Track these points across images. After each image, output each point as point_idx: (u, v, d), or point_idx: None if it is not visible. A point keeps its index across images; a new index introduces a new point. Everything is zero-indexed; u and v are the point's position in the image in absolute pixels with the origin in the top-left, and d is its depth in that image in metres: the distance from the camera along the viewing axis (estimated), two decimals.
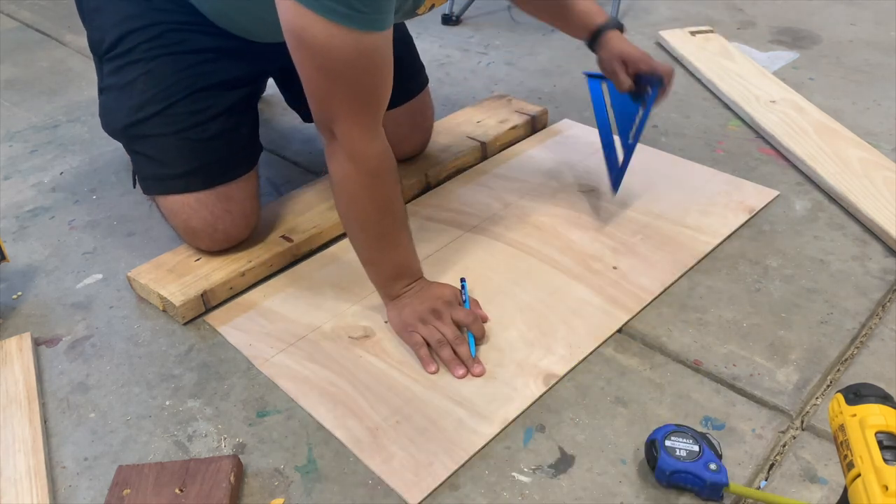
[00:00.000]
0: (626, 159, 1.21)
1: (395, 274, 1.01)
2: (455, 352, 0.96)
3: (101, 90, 1.17)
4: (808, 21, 2.01)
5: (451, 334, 0.97)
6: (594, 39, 1.18)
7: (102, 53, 1.14)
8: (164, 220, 1.20)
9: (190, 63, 1.10)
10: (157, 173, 1.12)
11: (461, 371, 0.95)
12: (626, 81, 1.15)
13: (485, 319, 1.03)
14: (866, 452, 0.62)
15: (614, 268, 1.13)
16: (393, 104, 1.28)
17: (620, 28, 1.19)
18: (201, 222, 1.11)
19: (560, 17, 1.21)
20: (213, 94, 1.11)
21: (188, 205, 1.11)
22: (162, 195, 1.13)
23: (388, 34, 0.89)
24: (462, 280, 1.06)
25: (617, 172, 1.24)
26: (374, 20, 0.85)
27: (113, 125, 1.16)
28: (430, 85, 1.37)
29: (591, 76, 1.28)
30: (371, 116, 0.92)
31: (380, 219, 0.97)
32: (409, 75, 1.31)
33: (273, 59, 1.14)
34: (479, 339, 0.99)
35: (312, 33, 0.83)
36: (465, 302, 1.02)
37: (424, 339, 0.97)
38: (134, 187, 1.22)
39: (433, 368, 0.96)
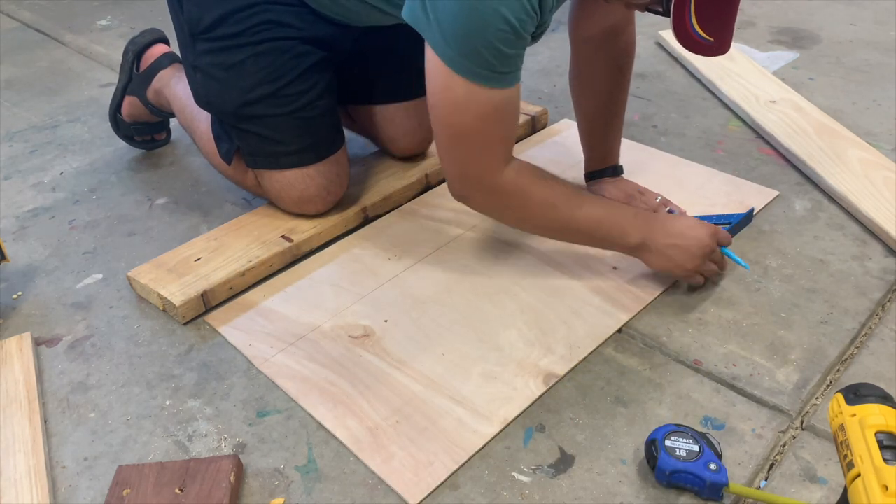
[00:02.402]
0: None
1: (617, 233, 1.04)
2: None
3: (194, 68, 1.19)
4: (808, 21, 2.01)
5: (724, 264, 1.08)
6: (591, 178, 1.28)
7: (199, 32, 1.16)
8: (258, 195, 1.29)
9: (292, 45, 1.14)
10: (270, 150, 1.19)
11: (725, 266, 1.09)
12: None
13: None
14: (866, 452, 0.62)
15: (614, 268, 1.13)
16: (400, 99, 1.30)
17: (621, 173, 1.27)
18: (318, 189, 1.20)
19: (588, 134, 1.27)
20: (316, 74, 1.16)
21: (306, 175, 1.19)
22: (275, 170, 1.20)
23: (519, 85, 0.96)
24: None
25: None
26: (512, 78, 0.93)
27: (220, 106, 1.20)
28: None
29: None
30: (500, 155, 0.99)
31: (554, 217, 1.04)
32: (420, 73, 1.32)
33: (353, 41, 1.21)
34: (729, 244, 1.07)
35: (455, 93, 0.92)
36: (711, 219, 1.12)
37: (705, 275, 1.06)
38: (229, 163, 1.25)
39: (701, 280, 1.07)
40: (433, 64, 0.92)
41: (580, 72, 1.22)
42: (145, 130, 1.51)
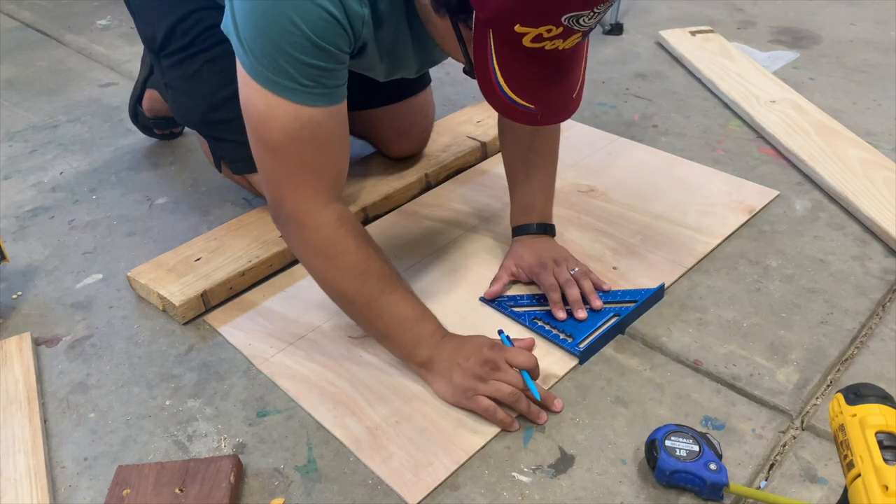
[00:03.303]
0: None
1: (409, 340, 0.92)
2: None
3: (165, 86, 1.21)
4: (808, 21, 2.01)
5: (519, 382, 0.88)
6: (514, 234, 1.12)
7: (158, 50, 1.18)
8: (258, 195, 1.27)
9: None
10: (244, 154, 1.12)
11: (544, 416, 0.89)
12: (494, 287, 1.07)
13: (530, 348, 0.97)
14: (866, 452, 0.62)
15: (614, 268, 1.12)
16: (393, 100, 1.30)
17: (550, 233, 1.11)
18: None
19: (511, 185, 1.14)
20: None
21: None
22: (254, 173, 1.13)
23: (335, 109, 0.87)
24: (500, 332, 0.97)
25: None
26: (317, 95, 0.84)
27: (190, 118, 1.20)
28: (430, 85, 1.37)
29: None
30: (320, 187, 0.89)
31: (359, 286, 0.90)
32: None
33: None
34: (536, 376, 0.90)
35: (255, 104, 0.85)
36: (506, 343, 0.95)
37: (492, 399, 0.88)
38: (220, 171, 1.26)
39: (517, 426, 0.88)
40: (240, 71, 0.86)
41: (501, 119, 1.12)
42: (164, 124, 1.53)
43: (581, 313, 1.01)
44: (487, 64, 0.75)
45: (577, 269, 1.06)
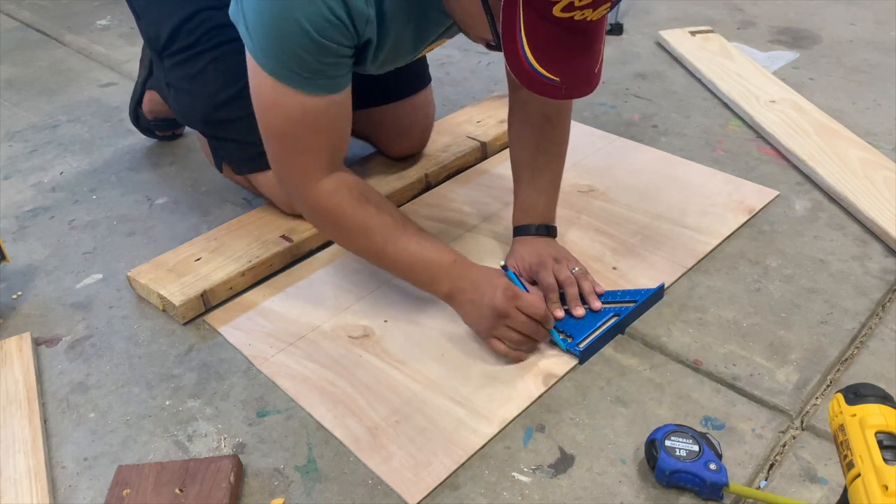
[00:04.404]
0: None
1: (427, 277, 0.98)
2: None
3: (167, 85, 1.21)
4: (808, 21, 2.01)
5: (527, 329, 0.94)
6: (515, 234, 1.13)
7: (162, 49, 1.18)
8: (258, 195, 1.28)
9: None
10: (249, 153, 1.16)
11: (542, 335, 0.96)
12: None
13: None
14: (866, 452, 0.62)
15: (614, 268, 1.12)
16: (393, 99, 1.30)
17: (550, 235, 1.12)
18: None
19: (515, 184, 1.14)
20: None
21: None
22: (259, 172, 1.18)
23: (338, 98, 0.92)
24: (504, 267, 1.00)
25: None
26: (320, 85, 0.89)
27: (192, 118, 1.21)
28: (430, 84, 1.37)
29: None
30: (317, 164, 0.95)
31: (364, 245, 0.99)
32: (412, 73, 1.32)
33: None
34: (547, 324, 0.96)
35: (263, 91, 0.91)
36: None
37: (505, 344, 0.95)
38: (221, 172, 1.27)
39: (524, 358, 0.97)
40: (248, 59, 0.91)
41: (512, 117, 1.14)
42: (166, 126, 1.53)
43: (578, 310, 1.02)
44: (515, 35, 0.76)
45: (576, 268, 1.06)
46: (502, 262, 1.02)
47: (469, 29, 0.90)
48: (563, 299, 1.04)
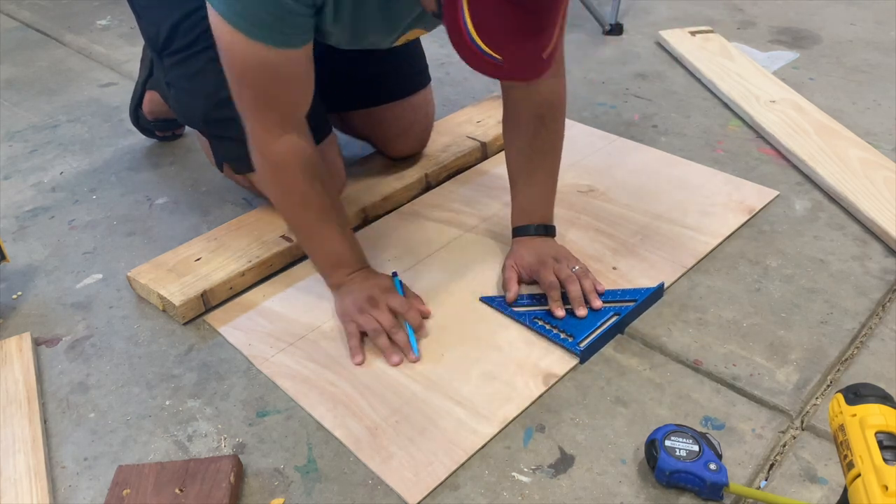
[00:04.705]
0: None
1: (331, 263, 1.05)
2: (392, 340, 0.98)
3: (167, 85, 1.22)
4: (808, 21, 2.01)
5: (387, 322, 0.98)
6: (514, 235, 1.12)
7: (161, 49, 1.18)
8: (259, 195, 1.27)
9: None
10: (246, 152, 1.14)
11: (396, 358, 0.97)
12: (510, 296, 1.05)
13: (425, 314, 1.04)
14: (866, 452, 0.62)
15: (614, 268, 1.12)
16: (393, 98, 1.30)
17: (549, 234, 1.11)
18: None
19: (511, 184, 1.14)
20: None
21: None
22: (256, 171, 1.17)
23: (297, 55, 0.93)
24: (394, 273, 1.07)
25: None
26: (277, 39, 0.90)
27: (192, 116, 1.21)
28: (430, 84, 1.37)
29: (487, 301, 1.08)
30: (278, 119, 0.97)
31: (301, 211, 1.02)
32: (411, 72, 1.32)
33: None
34: (417, 328, 0.99)
35: (221, 36, 0.91)
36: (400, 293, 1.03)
37: (361, 328, 0.99)
38: (221, 171, 1.27)
39: (358, 360, 0.98)
40: (210, 12, 0.90)
41: (505, 117, 1.12)
42: (166, 126, 1.53)
43: (581, 311, 1.02)
44: (458, 8, 0.73)
45: (577, 267, 1.06)
46: (393, 271, 1.08)
47: None
48: (564, 299, 1.04)
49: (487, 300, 1.07)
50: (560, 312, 1.02)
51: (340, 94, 1.28)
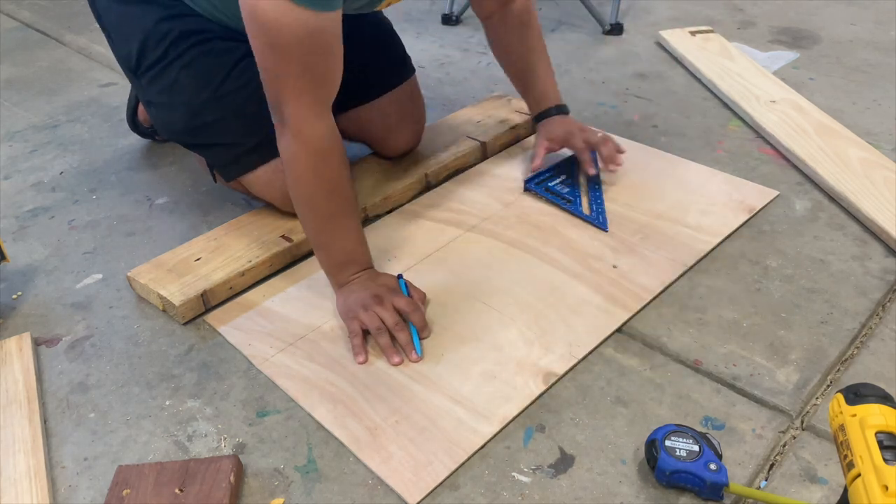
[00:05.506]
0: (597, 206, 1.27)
1: (343, 260, 1.04)
2: (394, 339, 0.98)
3: (148, 104, 1.21)
4: (808, 21, 2.01)
5: (390, 320, 0.98)
6: (537, 120, 1.33)
7: (135, 68, 1.18)
8: (252, 198, 1.28)
9: (213, 46, 1.15)
10: (233, 155, 1.16)
11: (397, 358, 0.97)
12: (536, 162, 1.27)
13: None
14: (866, 452, 0.62)
15: (614, 267, 1.13)
16: (378, 93, 1.30)
17: (565, 112, 1.32)
18: None
19: (521, 85, 1.35)
20: (251, 65, 1.07)
21: (277, 170, 1.14)
22: (247, 174, 1.18)
23: (337, 17, 0.93)
24: (399, 276, 1.06)
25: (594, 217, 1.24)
26: (319, 1, 0.89)
27: (174, 129, 1.20)
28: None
29: (529, 184, 1.32)
30: (319, 96, 0.97)
31: (327, 200, 1.01)
32: (393, 63, 1.33)
33: None
34: (420, 329, 1.00)
35: (264, 9, 0.89)
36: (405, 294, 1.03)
37: (364, 326, 0.98)
38: (215, 181, 1.27)
39: (361, 359, 0.97)
40: None
41: (493, 40, 1.33)
42: None
43: (613, 165, 1.26)
44: None
45: (600, 133, 1.27)
46: (399, 273, 1.09)
47: None
48: (595, 159, 1.27)
49: (528, 183, 1.30)
50: (592, 170, 1.26)
51: None
